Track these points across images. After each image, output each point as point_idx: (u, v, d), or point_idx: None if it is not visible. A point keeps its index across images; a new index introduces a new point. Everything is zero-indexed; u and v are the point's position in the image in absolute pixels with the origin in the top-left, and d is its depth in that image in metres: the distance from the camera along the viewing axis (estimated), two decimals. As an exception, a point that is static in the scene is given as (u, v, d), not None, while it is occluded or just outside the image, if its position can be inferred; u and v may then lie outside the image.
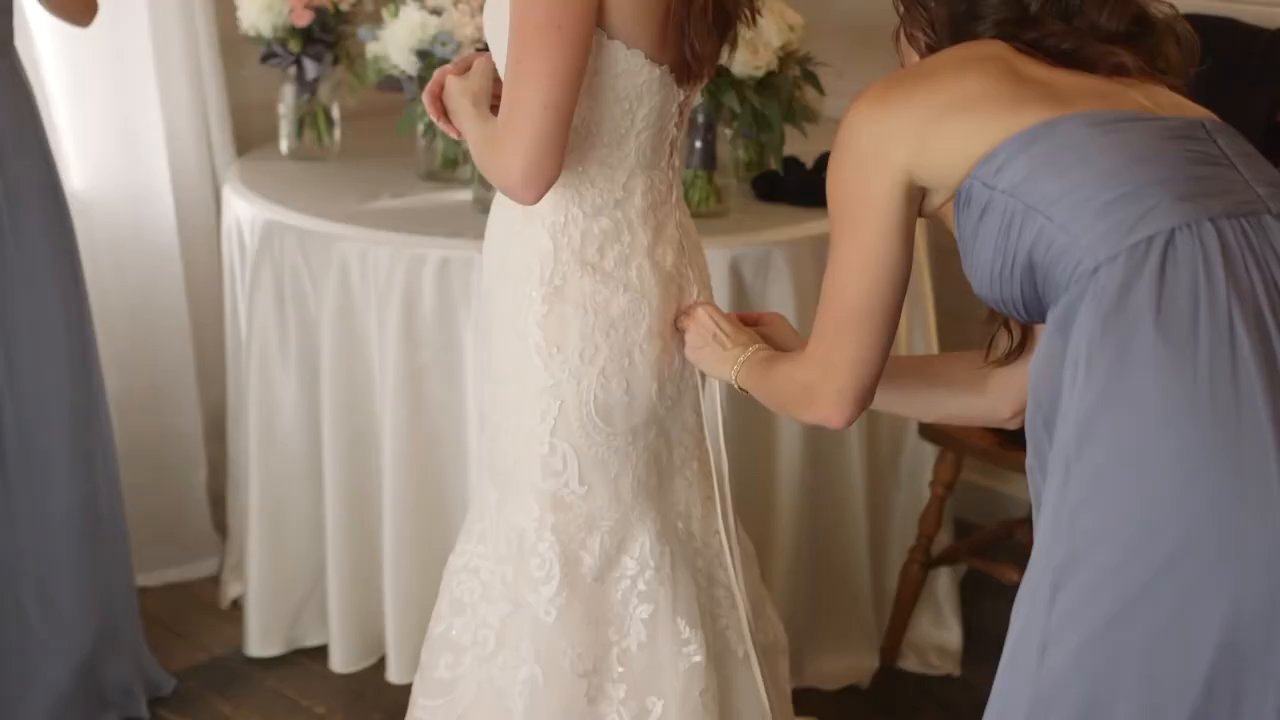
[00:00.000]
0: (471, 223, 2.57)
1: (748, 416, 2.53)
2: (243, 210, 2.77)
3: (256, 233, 2.71)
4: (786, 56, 2.64)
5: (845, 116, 1.53)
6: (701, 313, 1.86)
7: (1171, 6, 1.59)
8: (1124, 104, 1.48)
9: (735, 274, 2.55)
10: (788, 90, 2.64)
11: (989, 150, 1.45)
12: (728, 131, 2.75)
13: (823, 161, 2.82)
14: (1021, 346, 1.70)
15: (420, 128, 2.76)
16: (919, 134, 1.48)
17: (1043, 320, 1.49)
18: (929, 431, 2.72)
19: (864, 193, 1.51)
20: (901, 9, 1.64)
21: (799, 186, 2.76)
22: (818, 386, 1.61)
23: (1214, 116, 1.52)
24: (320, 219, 2.65)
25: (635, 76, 1.72)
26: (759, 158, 2.83)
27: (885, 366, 1.61)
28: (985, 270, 1.50)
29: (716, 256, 2.42)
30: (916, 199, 1.52)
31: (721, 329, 1.83)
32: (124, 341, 3.03)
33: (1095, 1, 1.54)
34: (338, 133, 2.99)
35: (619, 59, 1.71)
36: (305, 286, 2.66)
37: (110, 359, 2.86)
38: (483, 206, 2.63)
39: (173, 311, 3.08)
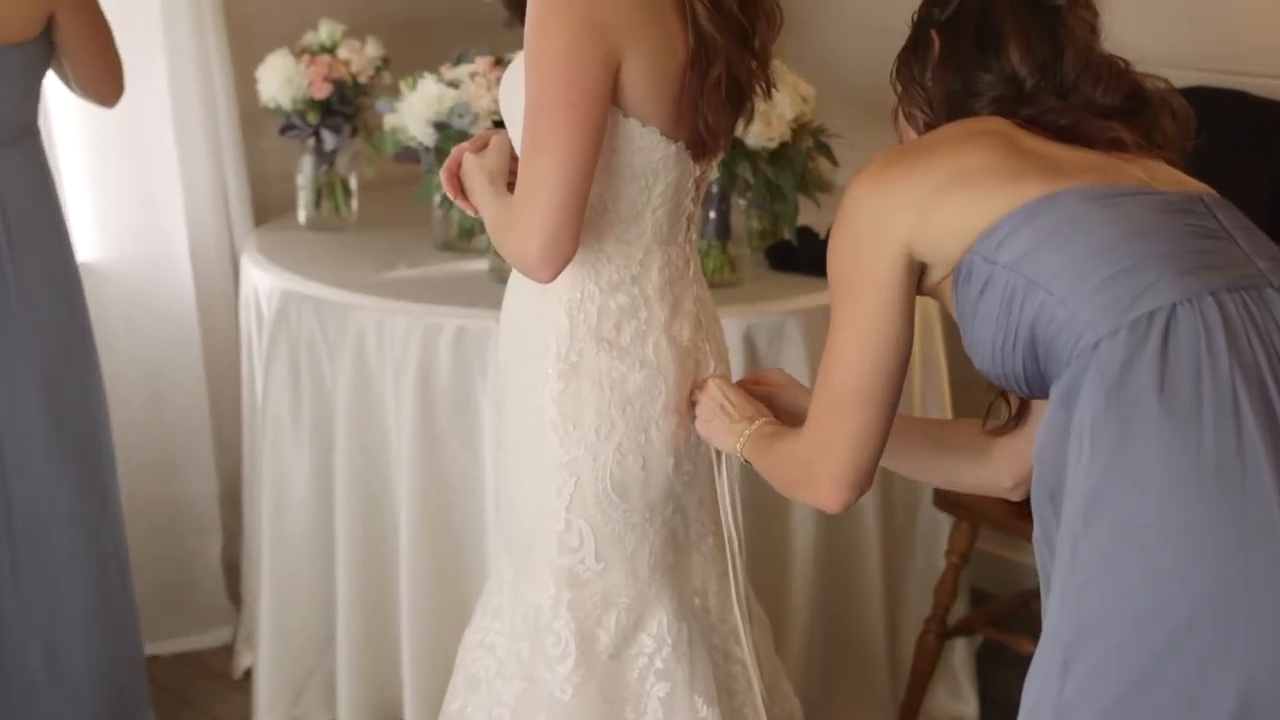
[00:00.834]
0: (487, 292, 2.59)
1: (762, 485, 2.52)
2: (260, 280, 2.79)
3: (274, 302, 2.73)
4: (799, 128, 2.66)
5: (846, 192, 1.54)
6: (711, 384, 1.85)
7: (1166, 81, 1.60)
8: (1123, 178, 1.49)
9: (749, 344, 2.56)
10: (801, 161, 2.66)
11: (990, 225, 1.46)
12: (741, 202, 2.77)
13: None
14: (1019, 417, 1.70)
15: (437, 198, 2.79)
16: (919, 209, 1.49)
17: (1044, 395, 1.49)
18: (944, 501, 2.71)
19: (864, 268, 1.51)
20: (899, 88, 1.65)
21: (813, 256, 2.76)
22: (815, 467, 1.59)
23: (1212, 191, 1.53)
24: (337, 288, 2.67)
25: (651, 153, 1.73)
26: (773, 228, 2.84)
27: (892, 428, 1.58)
28: (987, 345, 1.50)
29: (730, 326, 2.43)
30: (916, 274, 1.53)
31: (729, 400, 1.82)
32: (138, 410, 3.04)
33: (1090, 77, 1.56)
34: (355, 203, 3.02)
35: (635, 136, 1.71)
36: (321, 355, 2.68)
37: (124, 427, 2.87)
38: (498, 276, 2.64)
39: (189, 380, 3.09)
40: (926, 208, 1.48)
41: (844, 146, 2.82)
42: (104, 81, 2.56)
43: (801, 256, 2.78)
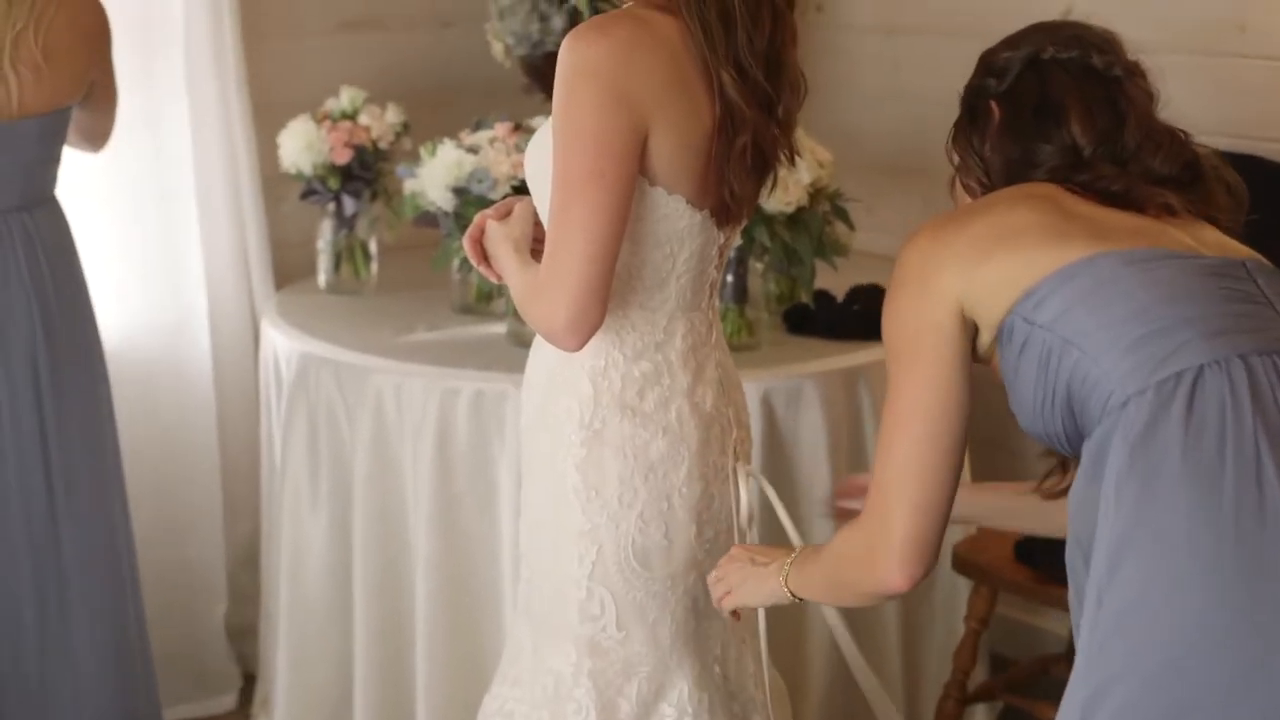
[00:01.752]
0: (505, 356, 2.60)
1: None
2: (280, 343, 2.81)
3: (293, 365, 2.74)
4: (816, 193, 2.68)
5: (900, 254, 1.55)
6: (732, 551, 1.80)
7: (1218, 153, 1.61)
8: (1164, 241, 1.50)
9: (767, 406, 2.56)
10: (818, 225, 2.67)
11: (1031, 285, 1.47)
12: (759, 265, 2.78)
13: (854, 295, 2.84)
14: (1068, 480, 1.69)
15: (455, 262, 2.80)
16: (970, 264, 1.50)
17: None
18: (963, 565, 2.70)
19: (920, 327, 1.51)
20: (955, 158, 1.66)
21: (830, 320, 2.78)
22: (877, 546, 1.53)
23: (1258, 257, 1.53)
24: (356, 352, 2.68)
25: (677, 221, 1.74)
26: (790, 291, 2.85)
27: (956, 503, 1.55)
28: (1028, 405, 1.51)
29: (748, 389, 2.42)
30: (970, 333, 1.53)
31: (754, 554, 1.77)
32: (151, 473, 3.05)
33: (1150, 147, 1.57)
34: (375, 267, 3.04)
35: (660, 204, 1.72)
36: (340, 419, 2.68)
37: (136, 491, 2.89)
38: (516, 340, 2.65)
39: (203, 445, 3.10)
40: (975, 265, 1.50)
41: (861, 211, 2.84)
42: (104, 134, 2.67)
43: (819, 320, 2.78)
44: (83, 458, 2.58)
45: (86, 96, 2.55)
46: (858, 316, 2.76)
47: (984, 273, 1.49)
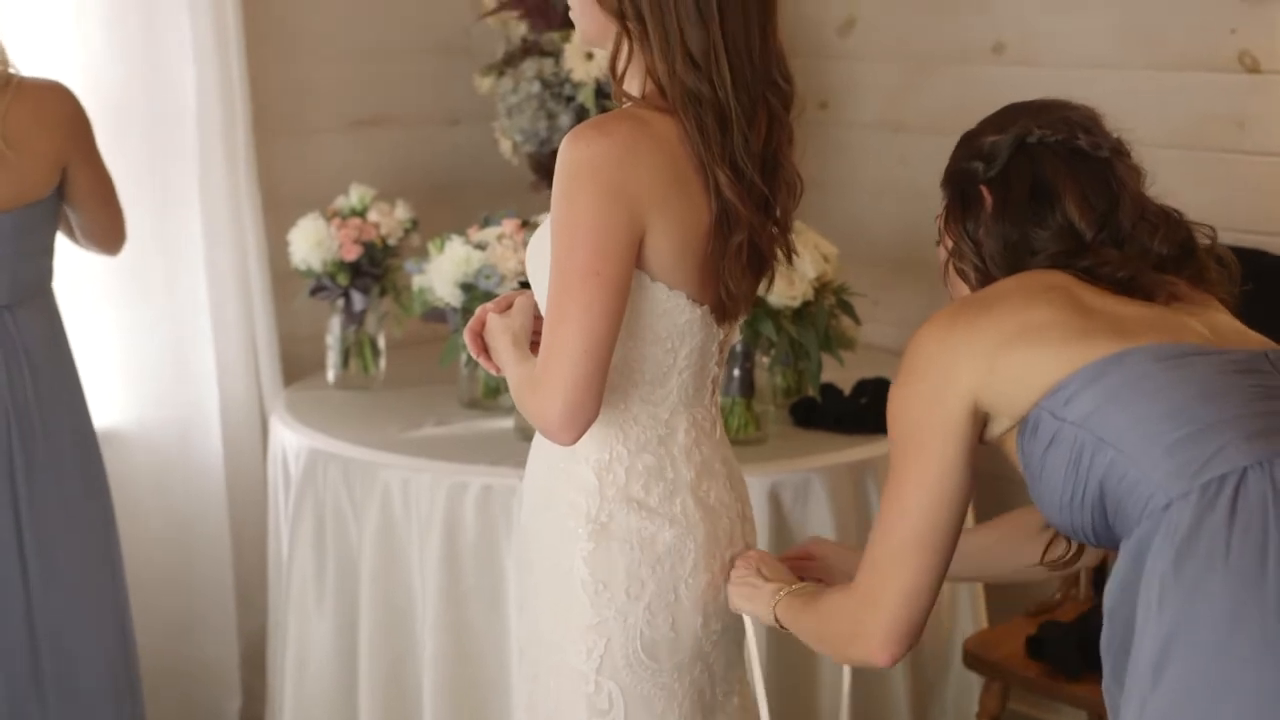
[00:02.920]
0: (513, 450, 2.60)
1: (790, 645, 2.50)
2: (288, 439, 2.81)
3: (301, 461, 2.74)
4: (822, 287, 2.69)
5: (911, 343, 1.56)
6: (751, 553, 1.85)
7: (1211, 229, 1.64)
8: (1185, 335, 1.51)
9: (774, 500, 2.56)
10: (824, 319, 2.68)
11: (1058, 381, 1.48)
12: (765, 359, 2.79)
13: (861, 388, 2.85)
14: (1078, 554, 1.71)
15: (463, 357, 2.82)
16: (988, 360, 1.51)
17: (1111, 546, 1.50)
18: (975, 661, 2.68)
19: (931, 417, 1.53)
20: (949, 243, 1.67)
21: (837, 413, 2.78)
22: (865, 621, 1.57)
23: (1275, 345, 1.55)
24: (363, 447, 2.69)
25: (678, 317, 1.75)
26: (797, 385, 2.86)
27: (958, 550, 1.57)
28: (1055, 498, 1.51)
29: (755, 483, 2.43)
30: (980, 425, 1.54)
31: (764, 568, 1.81)
32: (163, 570, 3.05)
33: (1146, 227, 1.59)
34: (383, 362, 3.05)
35: (662, 300, 1.73)
36: (347, 514, 2.68)
37: (148, 587, 2.88)
38: (523, 435, 2.66)
39: (214, 541, 3.10)
40: (994, 359, 1.51)
41: (866, 305, 2.85)
42: (107, 232, 2.63)
43: (826, 413, 2.78)
44: (67, 568, 2.55)
45: (70, 190, 2.52)
46: (865, 410, 2.77)
47: (1005, 366, 1.50)
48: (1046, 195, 1.60)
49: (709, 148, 1.68)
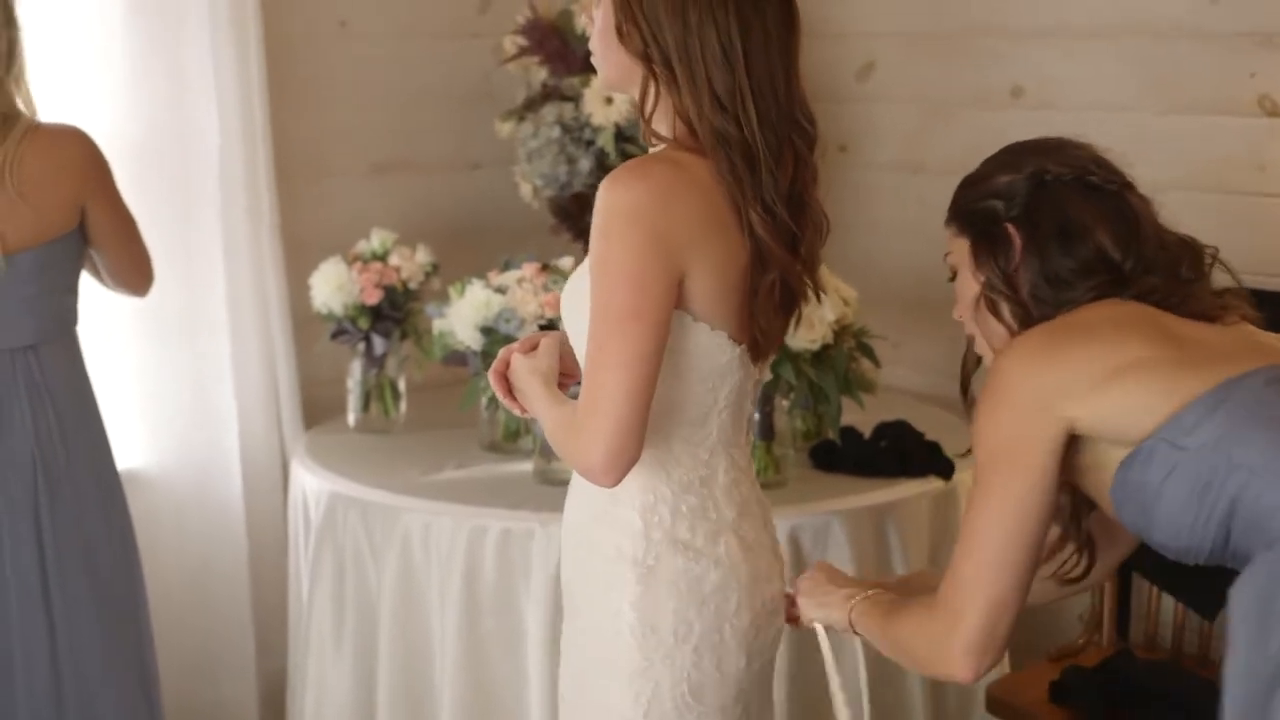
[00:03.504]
0: (532, 494, 2.60)
1: (797, 690, 2.49)
2: (309, 483, 2.82)
3: (321, 504, 2.75)
4: (842, 330, 2.69)
5: (999, 369, 1.61)
6: (818, 564, 1.90)
7: (1215, 251, 1.71)
8: (1272, 356, 1.59)
9: (794, 544, 2.55)
10: (843, 363, 2.68)
11: (1173, 413, 1.54)
12: (785, 402, 2.79)
13: (881, 431, 2.84)
14: (1089, 568, 1.78)
15: (483, 400, 2.82)
16: (1092, 389, 1.56)
17: (1221, 563, 1.56)
18: (997, 706, 2.66)
19: (1025, 439, 1.58)
20: (980, 278, 1.71)
21: (857, 456, 2.78)
22: (947, 635, 1.62)
23: None
24: (383, 491, 2.69)
25: (719, 356, 1.75)
26: (817, 428, 2.86)
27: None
28: (1174, 523, 1.56)
29: (776, 526, 2.42)
30: (1067, 449, 1.59)
31: (833, 577, 1.86)
32: (182, 612, 3.05)
33: (1171, 254, 1.67)
34: (404, 405, 3.06)
35: (704, 340, 1.74)
36: (366, 558, 2.68)
37: (168, 630, 2.88)
38: (544, 478, 2.66)
39: (234, 584, 3.11)
40: (1098, 390, 1.57)
41: (886, 347, 2.85)
42: (132, 272, 2.66)
43: (846, 456, 2.78)
44: (90, 608, 2.56)
45: (91, 230, 2.55)
46: (885, 453, 2.76)
47: (1111, 397, 1.56)
48: (1075, 229, 1.67)
49: (741, 188, 1.70)
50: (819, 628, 1.88)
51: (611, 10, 1.73)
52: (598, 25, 1.76)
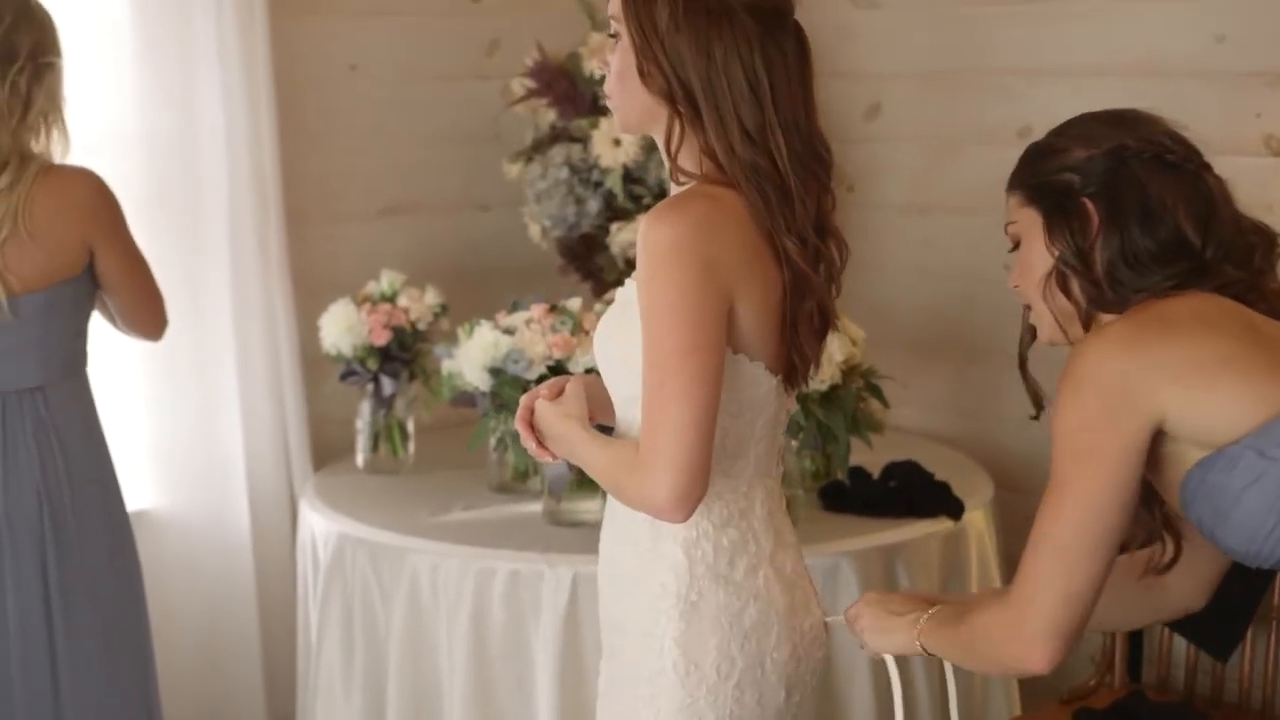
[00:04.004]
0: (541, 535, 2.60)
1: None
2: (317, 524, 2.82)
3: (329, 546, 2.74)
4: (850, 370, 2.69)
5: (1085, 357, 1.58)
6: (868, 595, 1.88)
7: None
8: None
9: (804, 585, 2.54)
10: (852, 403, 2.68)
11: (1265, 421, 1.53)
12: (794, 442, 2.78)
13: (890, 471, 2.84)
14: (1178, 552, 1.77)
15: (492, 441, 2.82)
16: (1181, 387, 1.55)
17: None
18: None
19: (1109, 431, 1.56)
20: (1055, 253, 1.68)
21: (866, 497, 2.77)
22: (1020, 623, 1.61)
23: None
24: (392, 532, 2.69)
25: (757, 388, 1.75)
26: (825, 468, 2.85)
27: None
28: (1247, 529, 1.56)
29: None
30: (1153, 442, 1.58)
31: (890, 603, 1.84)
32: (191, 654, 3.04)
33: (1247, 242, 1.66)
34: (412, 446, 3.06)
35: (744, 372, 1.74)
36: (375, 599, 2.68)
37: (177, 673, 2.87)
38: (552, 519, 2.66)
39: (244, 622, 3.10)
40: (1189, 388, 1.55)
41: (894, 387, 2.85)
42: (143, 316, 2.65)
43: (855, 497, 2.77)
44: (94, 650, 2.55)
45: (100, 272, 2.55)
46: (894, 493, 2.76)
47: (1202, 396, 1.55)
48: (1156, 209, 1.65)
49: (774, 219, 1.71)
50: (889, 659, 1.86)
51: (632, 52, 1.73)
52: (615, 69, 1.76)
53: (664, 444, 1.65)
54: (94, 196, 2.54)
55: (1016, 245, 1.76)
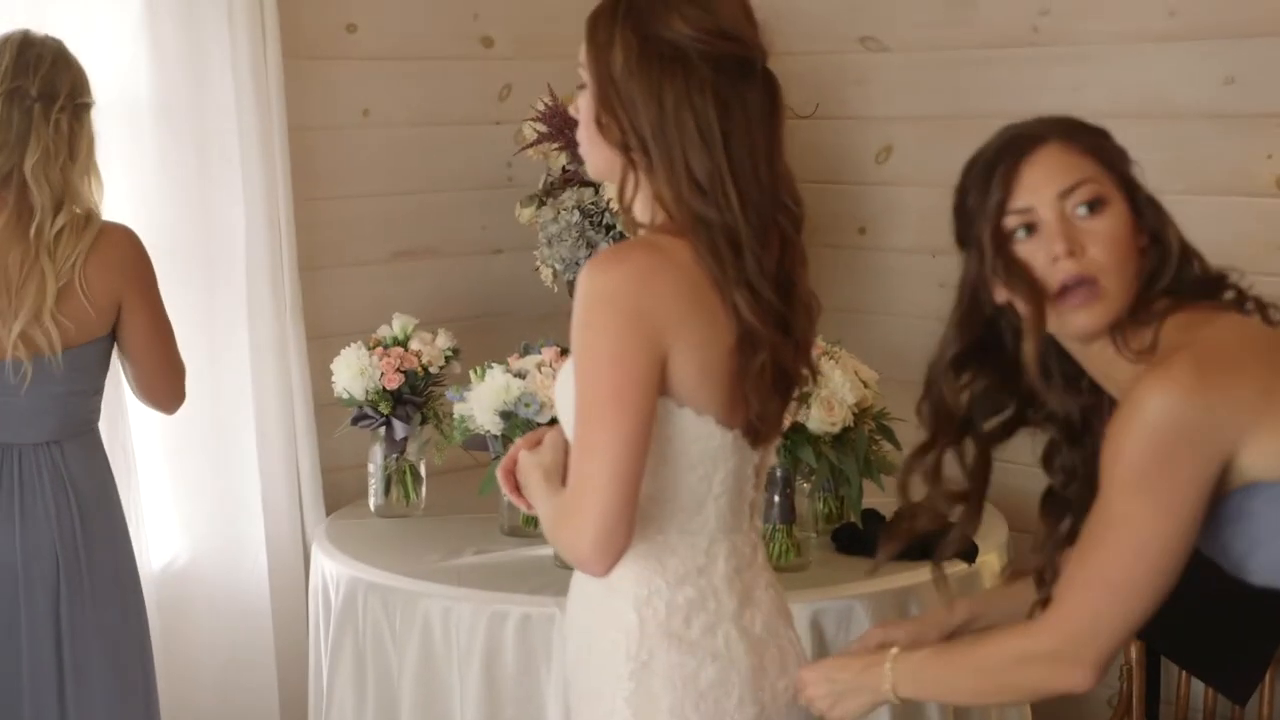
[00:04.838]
0: (553, 579, 2.59)
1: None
2: (329, 568, 2.81)
3: (341, 590, 2.74)
4: (862, 412, 2.69)
5: (1152, 399, 1.54)
6: (804, 674, 1.80)
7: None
8: None
9: (817, 628, 2.53)
10: (864, 445, 2.67)
11: None
12: (806, 485, 2.78)
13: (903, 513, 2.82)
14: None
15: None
16: (1254, 422, 1.54)
17: None
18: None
19: (1177, 472, 1.54)
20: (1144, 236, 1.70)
21: (879, 539, 2.75)
22: (1077, 651, 1.59)
23: None
24: (403, 576, 2.68)
25: (708, 441, 1.73)
26: (838, 511, 2.84)
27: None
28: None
29: (797, 610, 2.39)
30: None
31: (834, 670, 1.79)
32: (210, 701, 3.03)
33: (1191, 256, 1.71)
34: (424, 490, 3.06)
35: (690, 425, 1.71)
36: (387, 643, 2.67)
37: (193, 717, 2.85)
38: (563, 563, 2.65)
39: (261, 669, 3.09)
40: (1260, 423, 1.54)
41: (907, 429, 2.83)
42: (163, 386, 2.63)
43: (868, 539, 2.76)
44: (104, 702, 2.54)
45: (123, 332, 2.53)
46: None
47: (1271, 429, 1.54)
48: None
49: (724, 270, 1.69)
50: None
51: (592, 102, 1.73)
52: (581, 117, 1.76)
53: (585, 496, 1.65)
54: (136, 255, 2.54)
55: (1093, 205, 1.73)
